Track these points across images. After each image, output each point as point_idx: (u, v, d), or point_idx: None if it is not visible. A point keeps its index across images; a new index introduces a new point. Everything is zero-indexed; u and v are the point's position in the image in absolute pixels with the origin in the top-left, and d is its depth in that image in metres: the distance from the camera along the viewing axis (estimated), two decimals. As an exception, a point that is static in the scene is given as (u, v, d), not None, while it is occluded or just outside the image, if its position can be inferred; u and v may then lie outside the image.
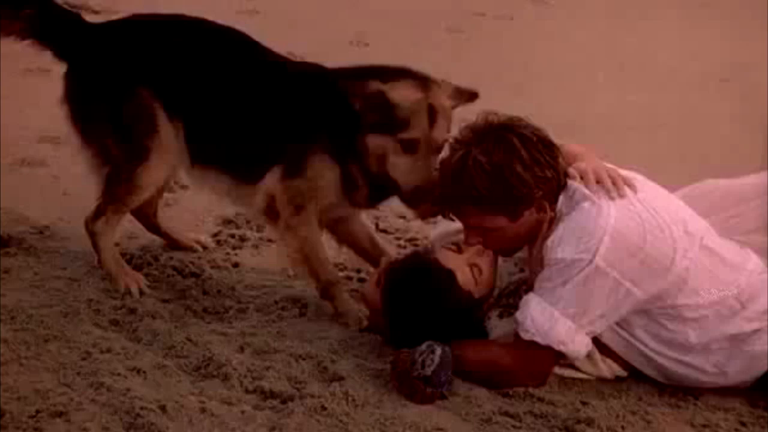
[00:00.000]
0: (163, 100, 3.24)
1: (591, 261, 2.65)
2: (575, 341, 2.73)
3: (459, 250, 2.88)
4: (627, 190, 2.77)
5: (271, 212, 3.16)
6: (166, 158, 3.26)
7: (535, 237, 2.82)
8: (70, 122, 3.28)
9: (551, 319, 2.70)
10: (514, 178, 2.69)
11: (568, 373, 2.86)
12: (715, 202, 3.05)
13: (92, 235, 3.33)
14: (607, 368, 2.87)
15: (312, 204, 3.12)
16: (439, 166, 2.87)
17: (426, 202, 2.97)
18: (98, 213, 3.31)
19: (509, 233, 2.81)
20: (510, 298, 2.95)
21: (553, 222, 2.79)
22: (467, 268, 2.86)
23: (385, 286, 2.90)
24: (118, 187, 3.28)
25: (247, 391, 2.66)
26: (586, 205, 2.73)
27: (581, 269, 2.66)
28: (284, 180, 3.10)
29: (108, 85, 3.25)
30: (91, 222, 3.32)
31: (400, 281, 2.87)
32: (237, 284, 3.35)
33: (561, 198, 2.79)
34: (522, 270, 3.03)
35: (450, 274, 2.83)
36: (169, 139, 3.24)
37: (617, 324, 2.79)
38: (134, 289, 3.25)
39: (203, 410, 2.52)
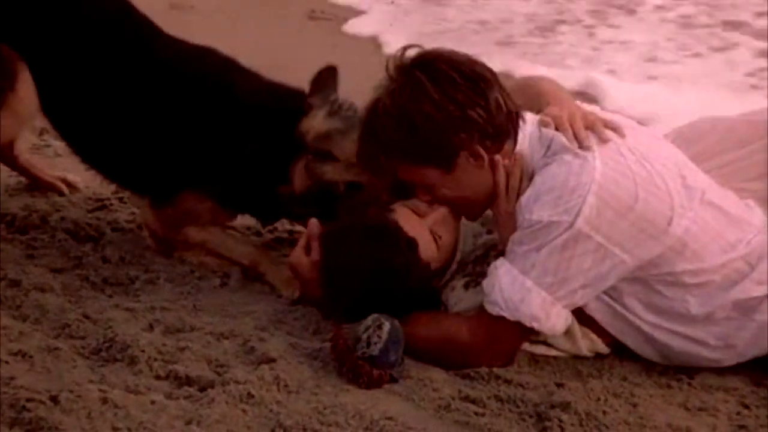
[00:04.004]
0: (28, 61, 3.28)
1: (572, 224, 2.62)
2: (551, 316, 2.69)
3: (419, 213, 2.87)
4: (613, 137, 2.73)
5: (157, 240, 3.31)
6: (20, 116, 3.33)
7: (495, 193, 2.78)
8: None
9: (522, 290, 2.67)
10: (423, 120, 2.67)
11: (540, 350, 2.84)
12: (712, 144, 3.04)
13: None
14: (588, 345, 2.85)
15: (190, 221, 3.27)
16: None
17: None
18: None
19: (455, 187, 2.77)
20: (477, 265, 2.91)
21: (521, 176, 2.76)
22: (429, 237, 2.85)
23: (328, 251, 2.87)
24: None
25: (157, 378, 2.62)
26: (566, 157, 2.68)
27: (560, 233, 2.62)
28: (153, 209, 3.28)
29: None
30: None
31: (348, 245, 2.84)
32: (144, 250, 3.34)
33: (535, 147, 2.76)
34: (490, 231, 3.00)
35: (412, 244, 2.80)
36: (27, 98, 3.28)
37: (604, 292, 2.76)
38: None
39: (105, 401, 2.45)
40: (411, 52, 2.75)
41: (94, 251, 3.28)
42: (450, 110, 2.66)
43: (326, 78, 3.12)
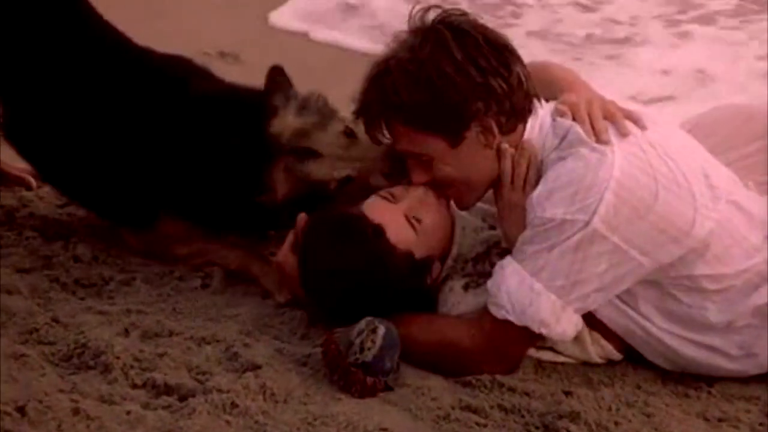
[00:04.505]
0: None
1: (587, 223, 2.58)
2: (561, 321, 2.66)
3: (394, 199, 2.83)
4: (634, 131, 2.68)
5: (145, 256, 3.31)
6: None
7: (497, 181, 2.75)
8: None
9: (531, 293, 2.63)
10: (442, 79, 2.64)
11: (546, 356, 2.81)
12: (731, 134, 3.01)
13: None
14: (598, 351, 2.82)
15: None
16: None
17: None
18: None
19: (456, 165, 2.73)
20: (477, 264, 2.87)
21: (529, 165, 2.72)
22: (403, 221, 2.80)
23: (301, 249, 2.84)
24: None
25: (134, 386, 2.58)
26: (584, 151, 2.63)
27: (574, 233, 2.59)
28: (133, 235, 3.31)
29: None
30: None
31: (316, 242, 2.82)
32: (119, 248, 3.32)
33: (548, 137, 2.72)
34: (493, 227, 2.94)
35: (378, 230, 2.76)
36: None
37: (617, 296, 2.73)
38: None
39: (76, 411, 2.41)
40: (433, 13, 2.73)
41: (64, 250, 3.25)
42: (471, 74, 2.63)
43: (278, 78, 3.12)
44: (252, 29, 5.94)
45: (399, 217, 2.78)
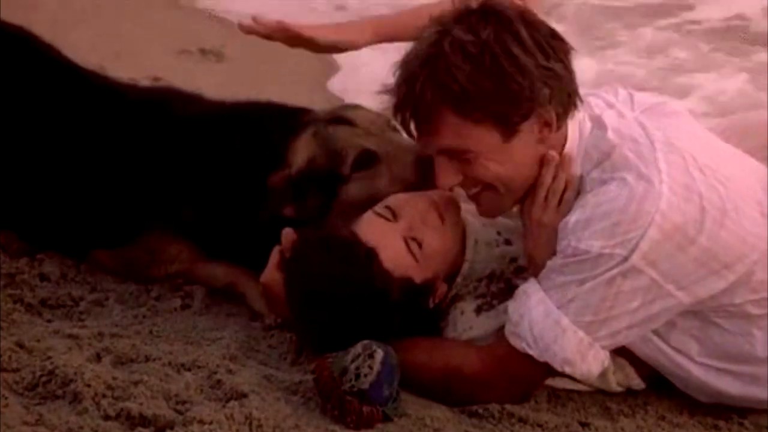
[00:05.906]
0: None
1: (626, 258, 2.52)
2: (587, 359, 2.60)
3: (394, 218, 2.76)
4: (685, 154, 2.58)
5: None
6: None
7: (533, 195, 2.68)
8: None
9: (556, 328, 2.58)
10: (510, 62, 2.54)
11: (561, 383, 2.76)
12: None
13: None
14: (620, 379, 2.77)
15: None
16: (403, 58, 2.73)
17: None
18: None
19: (503, 163, 2.63)
20: (492, 283, 2.81)
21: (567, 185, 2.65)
22: (401, 243, 2.73)
23: (286, 270, 2.80)
24: None
25: (106, 417, 2.52)
26: (629, 177, 2.57)
27: (609, 268, 2.53)
28: (106, 251, 3.27)
29: None
30: None
31: (303, 263, 2.77)
32: (91, 265, 3.32)
33: (590, 152, 2.64)
34: (508, 241, 2.89)
35: (370, 254, 2.70)
36: None
37: None
38: None
39: None
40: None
41: (29, 267, 3.23)
42: (537, 57, 2.55)
43: None
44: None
45: (396, 240, 2.73)
